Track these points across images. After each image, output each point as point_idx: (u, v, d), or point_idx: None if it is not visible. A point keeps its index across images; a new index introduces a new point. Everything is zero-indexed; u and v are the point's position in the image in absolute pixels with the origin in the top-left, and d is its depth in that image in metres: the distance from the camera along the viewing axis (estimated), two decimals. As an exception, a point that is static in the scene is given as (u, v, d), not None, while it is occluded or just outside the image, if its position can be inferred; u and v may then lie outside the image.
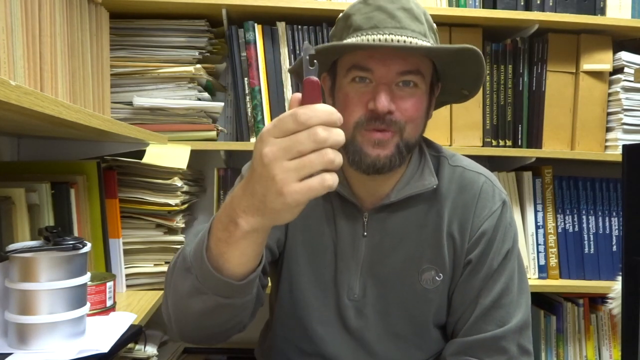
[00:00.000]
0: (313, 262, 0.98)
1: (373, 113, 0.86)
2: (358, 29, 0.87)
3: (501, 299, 0.94)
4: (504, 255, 0.95)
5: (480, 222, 0.95)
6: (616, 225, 1.62)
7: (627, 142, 1.34)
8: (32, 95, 0.66)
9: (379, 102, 0.85)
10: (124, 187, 1.31)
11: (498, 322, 0.92)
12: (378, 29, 0.86)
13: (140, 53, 1.44)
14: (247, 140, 1.50)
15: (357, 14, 0.88)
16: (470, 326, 0.94)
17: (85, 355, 0.81)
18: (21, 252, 0.82)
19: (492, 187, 0.98)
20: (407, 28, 0.86)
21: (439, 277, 0.96)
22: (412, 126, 0.89)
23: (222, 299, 0.74)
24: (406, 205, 0.96)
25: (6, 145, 1.29)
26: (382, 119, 0.86)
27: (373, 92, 0.86)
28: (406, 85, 0.88)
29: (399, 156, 0.89)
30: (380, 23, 0.86)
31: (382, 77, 0.86)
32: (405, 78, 0.87)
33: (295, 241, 0.99)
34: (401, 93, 0.87)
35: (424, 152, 0.99)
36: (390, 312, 0.96)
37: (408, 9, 0.87)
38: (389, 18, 0.86)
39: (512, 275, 0.95)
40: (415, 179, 0.96)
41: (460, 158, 1.02)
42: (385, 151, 0.88)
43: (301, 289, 0.99)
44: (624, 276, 0.83)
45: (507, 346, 0.92)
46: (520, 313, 0.94)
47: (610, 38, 1.57)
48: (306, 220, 0.98)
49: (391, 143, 0.88)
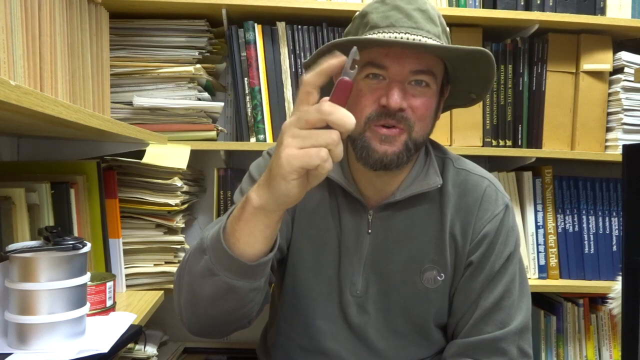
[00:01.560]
0: (317, 257, 0.99)
1: (385, 109, 0.87)
2: (375, 26, 0.88)
3: (502, 302, 0.94)
4: (505, 258, 0.96)
5: (483, 225, 0.96)
6: (616, 225, 1.62)
7: (627, 142, 1.33)
8: (32, 95, 0.66)
9: (392, 99, 0.86)
10: (124, 187, 1.31)
11: (499, 324, 0.93)
12: (394, 27, 0.87)
13: (140, 53, 1.44)
14: (247, 140, 1.50)
15: (374, 12, 0.89)
16: (470, 327, 0.94)
17: (85, 355, 0.81)
18: (21, 252, 0.82)
19: (495, 191, 0.99)
20: (422, 28, 0.87)
21: (441, 277, 0.96)
22: (421, 125, 0.90)
23: (231, 280, 0.76)
24: (411, 205, 0.97)
25: (6, 145, 1.29)
26: (393, 115, 0.87)
27: (386, 89, 0.87)
28: (418, 84, 0.89)
29: (406, 153, 0.90)
30: (397, 22, 0.87)
31: (396, 75, 0.87)
32: (418, 77, 0.88)
33: (300, 236, 1.00)
34: (413, 91, 0.88)
35: (429, 152, 1.00)
36: (391, 310, 0.97)
37: (424, 10, 0.89)
38: (405, 18, 0.87)
39: (514, 278, 0.96)
40: (420, 179, 0.97)
41: (465, 162, 1.03)
42: (393, 147, 0.89)
43: (304, 284, 1.00)
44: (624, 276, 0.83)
45: (507, 348, 0.92)
46: (521, 316, 0.94)
47: (610, 38, 1.57)
48: (311, 216, 1.00)
49: (399, 140, 0.89)
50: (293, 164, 0.65)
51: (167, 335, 1.59)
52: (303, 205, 1.00)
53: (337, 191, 0.99)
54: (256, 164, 1.06)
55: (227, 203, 1.54)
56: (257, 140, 1.49)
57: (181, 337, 1.61)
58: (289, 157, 0.65)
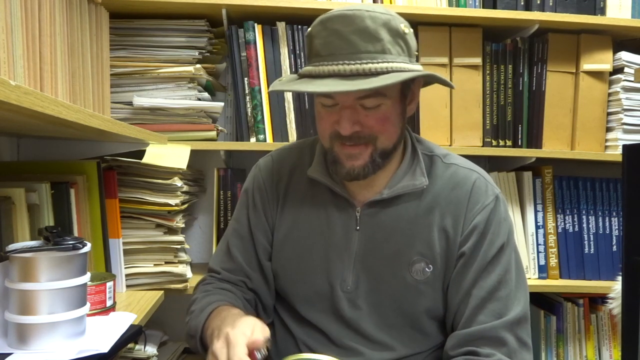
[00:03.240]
0: (305, 256, 1.03)
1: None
2: (317, 55, 0.91)
3: (497, 292, 0.95)
4: (498, 248, 0.97)
5: (473, 216, 0.98)
6: (616, 225, 1.62)
7: (627, 142, 1.33)
8: (32, 95, 0.66)
9: (342, 127, 0.92)
10: (124, 187, 1.31)
11: (496, 314, 0.93)
12: (334, 56, 0.89)
13: (140, 53, 1.44)
14: (247, 140, 1.50)
15: (317, 37, 0.92)
16: (467, 318, 0.95)
17: (85, 355, 0.81)
18: (21, 252, 0.82)
19: (485, 183, 1.01)
20: (362, 51, 0.88)
21: (429, 269, 0.98)
22: (385, 135, 0.94)
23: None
24: (398, 201, 1.00)
25: (6, 145, 1.29)
26: (349, 138, 0.93)
27: (338, 114, 0.93)
28: (369, 104, 0.92)
29: (372, 165, 0.95)
30: (336, 50, 0.89)
31: (344, 102, 0.92)
32: (365, 102, 0.92)
33: (288, 237, 1.04)
34: (365, 112, 0.92)
35: (416, 151, 1.02)
36: (383, 303, 0.99)
37: (363, 29, 0.88)
38: (344, 44, 0.88)
39: (508, 268, 0.97)
40: (407, 179, 0.99)
41: (454, 157, 1.05)
42: (359, 161, 0.94)
43: (295, 285, 1.03)
44: (624, 276, 0.83)
45: (505, 337, 0.92)
46: (519, 307, 0.95)
47: (610, 38, 1.57)
48: (299, 215, 1.03)
49: (364, 154, 0.94)
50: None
51: (167, 335, 1.59)
52: (291, 206, 1.04)
53: (326, 191, 1.02)
54: (248, 182, 1.11)
55: (227, 203, 1.54)
56: (257, 140, 1.49)
57: (181, 337, 1.61)
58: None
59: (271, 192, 1.07)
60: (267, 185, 1.07)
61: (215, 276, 1.08)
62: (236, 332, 0.81)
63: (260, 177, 1.09)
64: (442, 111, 1.54)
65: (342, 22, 0.88)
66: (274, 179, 1.07)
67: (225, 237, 1.11)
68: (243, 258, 1.06)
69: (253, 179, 1.10)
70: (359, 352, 0.99)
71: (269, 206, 1.06)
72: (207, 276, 1.10)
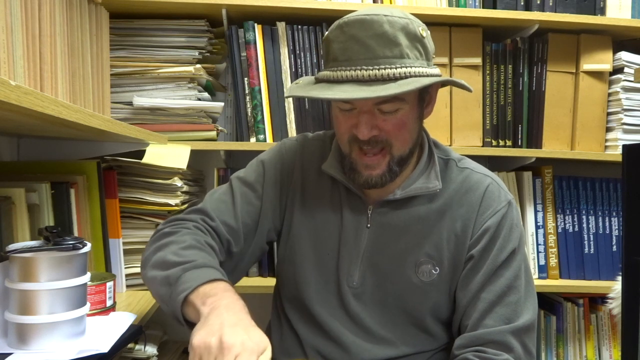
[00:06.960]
0: (317, 248, 1.03)
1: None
2: (335, 59, 0.92)
3: (506, 297, 0.94)
4: (509, 252, 0.96)
5: (484, 220, 0.98)
6: (616, 225, 1.62)
7: (627, 142, 1.34)
8: (32, 95, 0.66)
9: (359, 132, 0.92)
10: (124, 187, 1.31)
11: (505, 319, 0.93)
12: (352, 62, 0.89)
13: (140, 53, 1.44)
14: (247, 140, 1.50)
15: (335, 41, 0.92)
16: (475, 321, 0.95)
17: (85, 355, 0.81)
18: (21, 252, 0.82)
19: (498, 188, 1.01)
20: (380, 56, 0.88)
21: (436, 271, 0.98)
22: (400, 141, 0.95)
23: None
24: (410, 203, 1.01)
25: (6, 145, 1.29)
26: (367, 142, 0.93)
27: (356, 119, 0.93)
28: (387, 108, 0.92)
29: (389, 174, 0.96)
30: (354, 55, 0.89)
31: (362, 107, 0.93)
32: (383, 107, 0.92)
33: (302, 227, 1.04)
34: (383, 116, 0.93)
35: (433, 155, 1.03)
36: (387, 301, 1.00)
37: (381, 34, 0.88)
38: (362, 49, 0.88)
39: (518, 274, 0.96)
40: (421, 181, 1.00)
41: (468, 161, 1.06)
42: (377, 171, 0.96)
43: (305, 273, 1.03)
44: (624, 276, 0.83)
45: (513, 343, 0.92)
46: (528, 314, 0.95)
47: (610, 38, 1.57)
48: (314, 208, 1.04)
49: (382, 164, 0.95)
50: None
51: (167, 335, 1.59)
52: (307, 197, 1.05)
53: (340, 186, 1.03)
54: (268, 156, 1.09)
55: (227, 203, 1.53)
56: (257, 140, 1.49)
57: (181, 337, 1.61)
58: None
59: (290, 176, 1.06)
60: (289, 168, 1.06)
61: (207, 222, 1.00)
62: (248, 347, 0.74)
63: (285, 157, 1.07)
64: (442, 111, 1.54)
65: (360, 27, 0.89)
66: (296, 165, 1.07)
67: (229, 190, 1.05)
68: (243, 224, 1.02)
69: (277, 155, 1.08)
70: (363, 348, 0.99)
71: (285, 189, 1.06)
72: (197, 216, 1.01)
